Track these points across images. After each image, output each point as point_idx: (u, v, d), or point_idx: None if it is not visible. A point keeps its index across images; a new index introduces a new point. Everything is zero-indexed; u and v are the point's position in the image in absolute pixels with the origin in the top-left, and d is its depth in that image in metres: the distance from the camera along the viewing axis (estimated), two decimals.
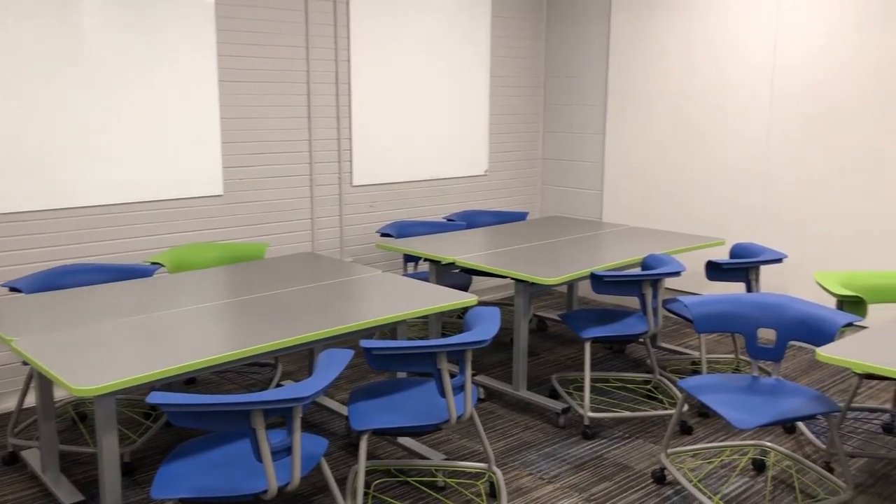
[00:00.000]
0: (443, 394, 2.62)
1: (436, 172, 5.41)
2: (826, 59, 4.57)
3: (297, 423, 2.20)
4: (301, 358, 4.60)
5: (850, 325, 2.85)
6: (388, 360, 2.53)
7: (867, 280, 3.45)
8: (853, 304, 3.29)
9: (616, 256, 3.97)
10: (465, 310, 4.66)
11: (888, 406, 3.90)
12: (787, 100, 4.76)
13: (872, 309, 4.51)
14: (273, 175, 4.62)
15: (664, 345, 4.71)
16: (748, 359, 4.48)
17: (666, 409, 3.82)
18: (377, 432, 2.66)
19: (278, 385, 3.99)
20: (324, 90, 4.76)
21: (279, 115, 4.59)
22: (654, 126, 5.43)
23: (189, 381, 4.17)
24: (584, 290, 6.01)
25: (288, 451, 2.23)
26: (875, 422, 3.74)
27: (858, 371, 2.54)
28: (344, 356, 2.40)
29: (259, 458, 2.15)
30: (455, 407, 2.67)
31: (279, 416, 2.20)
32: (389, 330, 3.10)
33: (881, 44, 4.36)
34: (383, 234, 4.52)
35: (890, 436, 3.59)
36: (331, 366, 2.34)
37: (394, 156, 5.16)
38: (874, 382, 4.22)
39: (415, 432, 2.70)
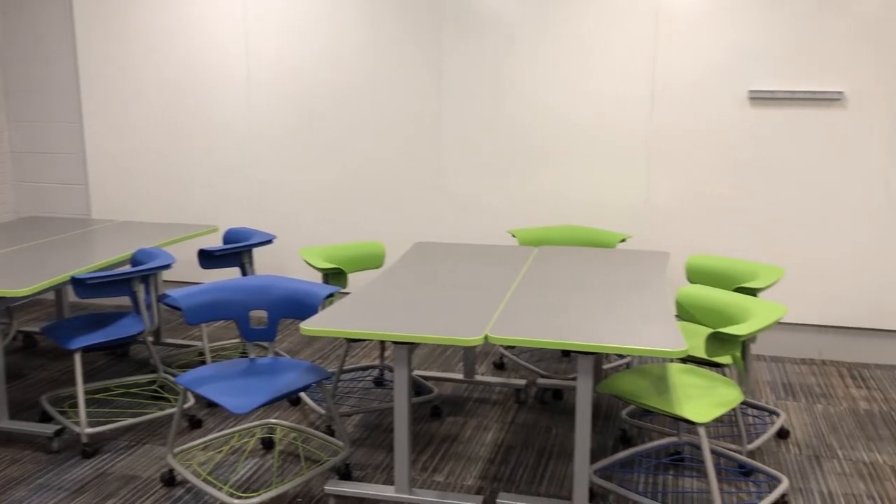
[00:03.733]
0: None
1: None
2: (298, 48, 4.83)
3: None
4: None
5: (332, 295, 3.06)
6: None
7: (347, 252, 3.76)
8: (336, 276, 3.54)
9: (105, 255, 3.66)
10: None
11: (377, 362, 4.33)
12: (262, 86, 4.91)
13: (353, 277, 4.95)
14: None
15: (170, 340, 4.54)
16: None
17: (174, 407, 3.68)
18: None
19: None
20: None
21: None
22: (140, 115, 5.15)
23: None
24: None
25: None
26: (368, 378, 4.13)
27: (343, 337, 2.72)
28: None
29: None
30: None
31: None
32: None
33: (351, 42, 4.77)
34: None
35: (380, 388, 3.99)
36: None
37: None
38: (365, 343, 4.66)
39: None
